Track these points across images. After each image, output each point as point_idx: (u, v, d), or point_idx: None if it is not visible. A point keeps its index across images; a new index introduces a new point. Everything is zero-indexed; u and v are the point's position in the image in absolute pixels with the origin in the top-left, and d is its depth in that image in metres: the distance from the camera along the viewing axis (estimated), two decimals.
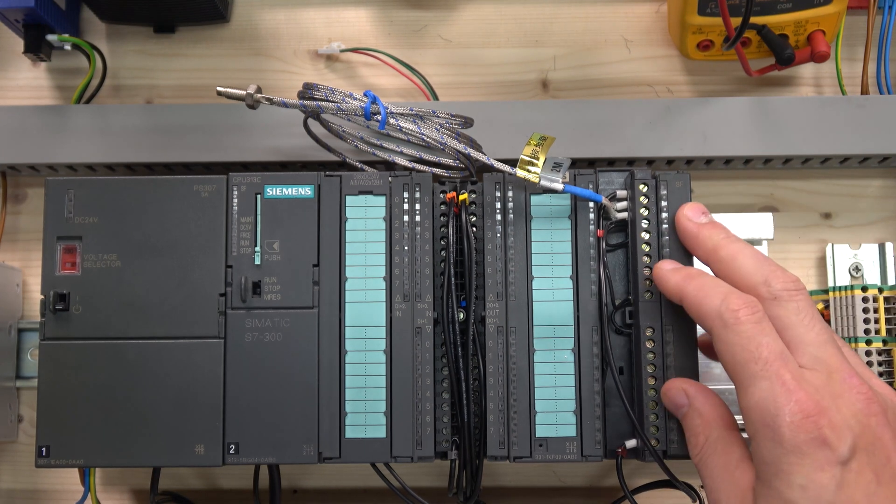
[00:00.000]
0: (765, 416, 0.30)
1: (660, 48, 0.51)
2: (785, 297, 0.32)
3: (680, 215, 0.37)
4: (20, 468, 0.49)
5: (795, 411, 0.29)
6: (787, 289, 0.32)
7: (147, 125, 0.47)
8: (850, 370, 0.31)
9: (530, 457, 0.38)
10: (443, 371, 0.39)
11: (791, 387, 0.30)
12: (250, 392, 0.38)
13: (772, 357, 0.31)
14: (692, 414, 0.34)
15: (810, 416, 0.29)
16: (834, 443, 0.29)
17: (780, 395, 0.30)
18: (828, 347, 0.31)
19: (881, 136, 0.46)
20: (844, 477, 0.29)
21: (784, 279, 0.33)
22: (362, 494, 0.49)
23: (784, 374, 0.30)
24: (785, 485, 0.29)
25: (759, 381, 0.30)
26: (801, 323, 0.32)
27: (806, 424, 0.29)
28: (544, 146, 0.37)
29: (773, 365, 0.30)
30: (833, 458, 0.29)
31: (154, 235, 0.39)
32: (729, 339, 0.32)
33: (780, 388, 0.30)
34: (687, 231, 0.37)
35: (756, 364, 0.31)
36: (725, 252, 0.35)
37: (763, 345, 0.31)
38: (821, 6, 0.45)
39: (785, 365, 0.30)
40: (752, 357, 0.31)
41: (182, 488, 0.49)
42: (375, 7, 0.52)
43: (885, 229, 0.50)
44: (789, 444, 0.29)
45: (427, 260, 0.39)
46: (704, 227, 0.36)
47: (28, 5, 0.45)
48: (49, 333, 0.39)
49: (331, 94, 0.39)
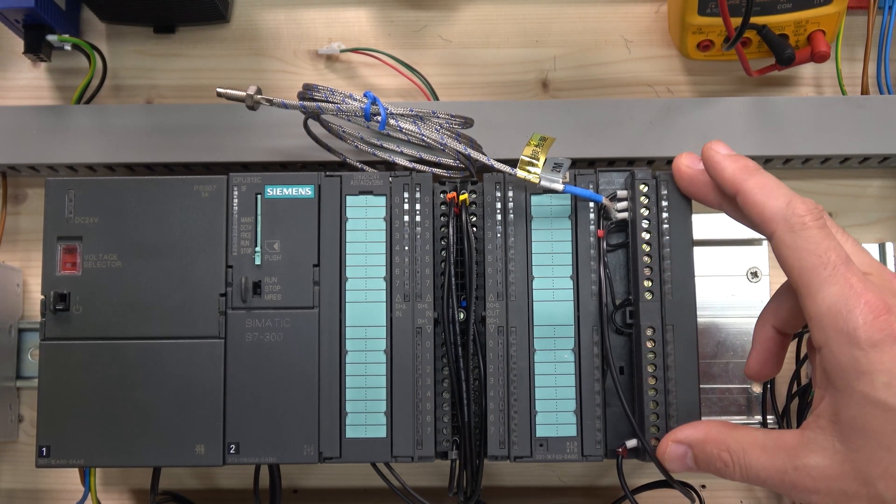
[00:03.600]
0: (837, 320, 0.30)
1: (660, 48, 0.51)
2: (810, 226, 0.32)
3: (707, 148, 0.36)
4: (20, 468, 0.49)
5: (867, 312, 0.29)
6: (813, 216, 0.32)
7: (147, 125, 0.47)
8: (891, 272, 0.32)
9: (530, 457, 0.38)
10: (443, 371, 0.39)
11: (859, 289, 0.30)
12: (251, 392, 0.38)
13: (839, 262, 0.31)
14: (698, 449, 0.34)
15: (881, 314, 0.29)
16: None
17: (851, 298, 0.30)
18: (864, 252, 0.33)
19: (881, 136, 0.46)
20: None
21: (806, 205, 0.32)
22: (362, 494, 0.49)
23: (851, 278, 0.30)
24: (869, 386, 0.29)
25: (828, 287, 0.30)
26: (837, 235, 0.32)
27: (879, 323, 0.29)
28: (544, 146, 0.37)
29: (841, 269, 0.31)
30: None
31: (154, 235, 0.39)
32: (796, 243, 0.32)
33: (849, 292, 0.30)
34: (712, 160, 0.35)
35: (825, 269, 0.31)
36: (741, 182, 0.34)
37: (830, 249, 0.31)
38: (821, 6, 0.45)
39: (851, 269, 0.31)
40: (821, 262, 0.31)
41: (182, 488, 0.49)
42: (375, 7, 0.52)
43: (885, 229, 0.50)
44: (866, 343, 0.29)
45: (427, 260, 0.39)
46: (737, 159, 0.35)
47: (28, 5, 0.45)
48: (49, 333, 0.39)
49: (331, 94, 0.39)
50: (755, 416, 0.45)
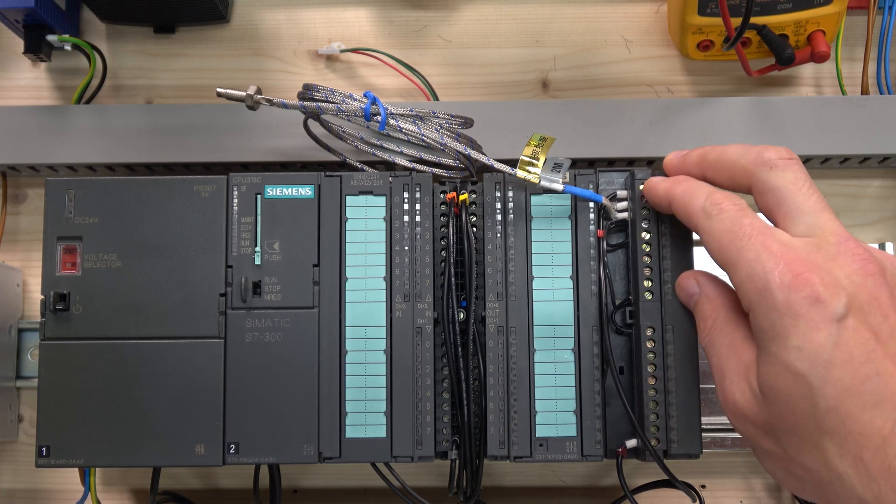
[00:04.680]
0: (755, 282, 0.29)
1: (660, 48, 0.51)
2: (781, 165, 0.32)
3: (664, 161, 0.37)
4: (20, 468, 0.49)
5: (785, 272, 0.29)
6: (781, 157, 0.32)
7: (147, 125, 0.47)
8: (846, 234, 0.30)
9: (530, 456, 0.38)
10: (443, 371, 0.39)
11: (778, 252, 0.29)
12: (250, 392, 0.38)
13: (755, 232, 0.30)
14: (702, 300, 0.34)
15: (800, 274, 0.29)
16: (827, 300, 0.28)
17: (768, 261, 0.29)
18: (824, 214, 0.31)
19: (881, 136, 0.46)
20: (841, 334, 0.28)
21: (777, 149, 0.32)
22: (362, 494, 0.49)
23: (770, 244, 0.30)
24: (782, 348, 0.29)
25: (744, 254, 0.30)
26: (799, 191, 0.31)
27: (797, 283, 0.29)
28: (544, 146, 0.37)
29: (758, 238, 0.30)
30: (827, 316, 0.28)
31: (154, 235, 0.39)
32: (712, 226, 0.32)
33: (766, 255, 0.30)
34: (672, 163, 0.36)
35: (741, 240, 0.31)
36: (714, 152, 0.34)
37: (745, 224, 0.31)
38: (821, 6, 0.45)
39: (771, 236, 0.30)
40: (736, 235, 0.31)
41: (182, 488, 0.49)
42: (375, 7, 0.52)
43: (885, 229, 0.50)
44: (782, 304, 0.29)
45: (427, 260, 0.39)
46: (689, 152, 0.36)
47: (28, 5, 0.45)
48: (49, 333, 0.39)
49: (331, 94, 0.39)
50: None
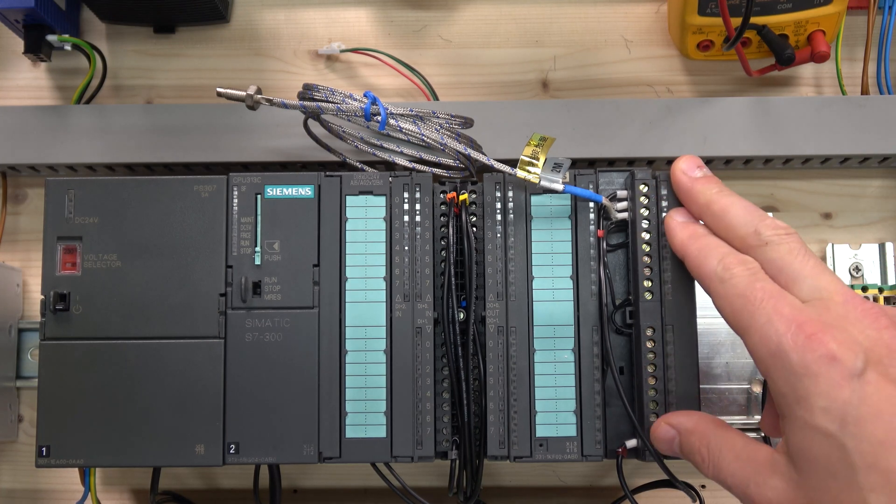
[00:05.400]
0: (769, 346, 0.29)
1: (660, 48, 0.51)
2: (776, 241, 0.32)
3: (675, 169, 0.37)
4: (20, 468, 0.49)
5: (797, 333, 0.29)
6: (777, 233, 0.32)
7: (147, 125, 0.47)
8: (852, 293, 0.31)
9: (530, 456, 0.38)
10: (443, 371, 0.39)
11: (790, 315, 0.29)
12: (250, 392, 0.38)
13: (766, 296, 0.30)
14: (684, 438, 0.34)
15: (814, 334, 0.28)
16: (844, 356, 0.28)
17: (780, 323, 0.29)
18: (825, 276, 0.31)
19: (881, 136, 0.46)
20: (865, 389, 0.28)
21: (774, 224, 0.33)
22: (362, 494, 0.49)
23: (782, 307, 0.30)
24: (807, 411, 0.28)
25: (756, 318, 0.30)
26: (796, 259, 0.32)
27: (811, 343, 0.28)
28: (544, 146, 0.37)
29: (769, 301, 0.30)
30: (847, 373, 0.28)
31: (154, 235, 0.39)
32: (725, 291, 0.32)
33: (777, 318, 0.29)
34: (681, 185, 0.37)
35: (752, 305, 0.30)
36: (718, 206, 0.35)
37: (758, 288, 0.31)
38: (821, 6, 0.45)
39: (782, 299, 0.30)
40: (748, 300, 0.31)
41: (182, 488, 0.49)
42: (375, 7, 0.52)
43: (885, 229, 0.50)
44: (799, 366, 0.28)
45: (427, 260, 0.39)
46: (698, 182, 0.36)
47: (28, 5, 0.45)
48: (49, 333, 0.39)
49: (331, 94, 0.39)
50: (755, 415, 0.45)
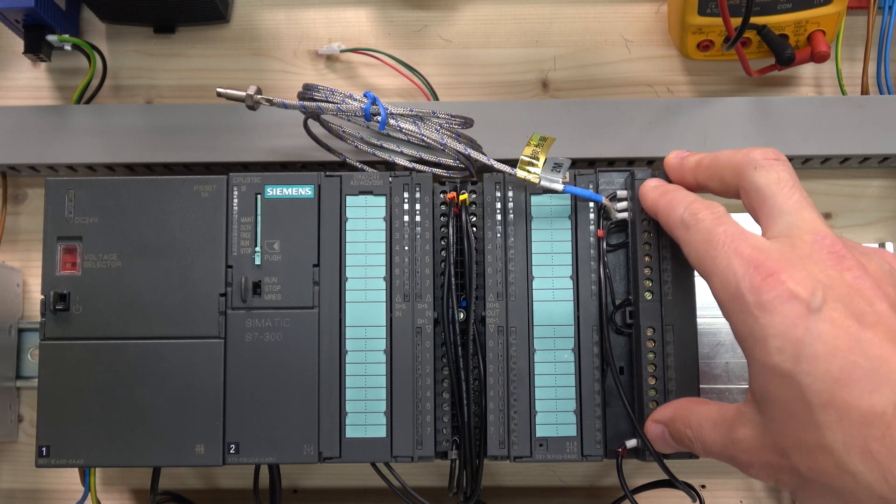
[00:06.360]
0: (728, 288, 0.29)
1: (660, 48, 0.51)
2: (766, 165, 0.32)
3: (666, 158, 0.37)
4: (20, 468, 0.49)
5: (754, 274, 0.28)
6: (766, 157, 0.32)
7: (147, 125, 0.47)
8: (825, 231, 0.30)
9: (530, 457, 0.38)
10: (443, 371, 0.39)
11: (749, 255, 0.29)
12: (250, 392, 0.38)
13: (728, 238, 0.30)
14: (671, 428, 0.34)
15: (770, 273, 0.28)
16: (801, 294, 0.27)
17: (739, 266, 0.29)
18: (804, 213, 0.30)
19: (881, 136, 0.46)
20: (819, 327, 0.27)
21: (764, 150, 0.33)
22: (362, 494, 0.49)
23: (742, 248, 0.29)
24: (764, 352, 0.28)
25: (718, 262, 0.30)
26: (781, 191, 0.31)
27: (767, 283, 0.28)
28: (544, 146, 0.37)
29: (730, 244, 0.30)
30: (803, 310, 0.27)
31: (154, 235, 0.39)
32: (690, 237, 0.32)
33: (737, 260, 0.29)
34: (671, 164, 0.37)
35: (714, 249, 0.30)
36: (708, 158, 0.35)
37: (720, 231, 0.31)
38: (821, 6, 0.45)
39: (743, 240, 0.30)
40: (710, 244, 0.31)
41: (182, 488, 0.49)
42: (375, 7, 0.52)
43: (885, 229, 0.50)
44: (755, 306, 0.28)
45: (427, 260, 0.39)
46: (689, 156, 0.36)
47: (28, 5, 0.45)
48: (49, 333, 0.39)
49: (331, 94, 0.39)
50: None
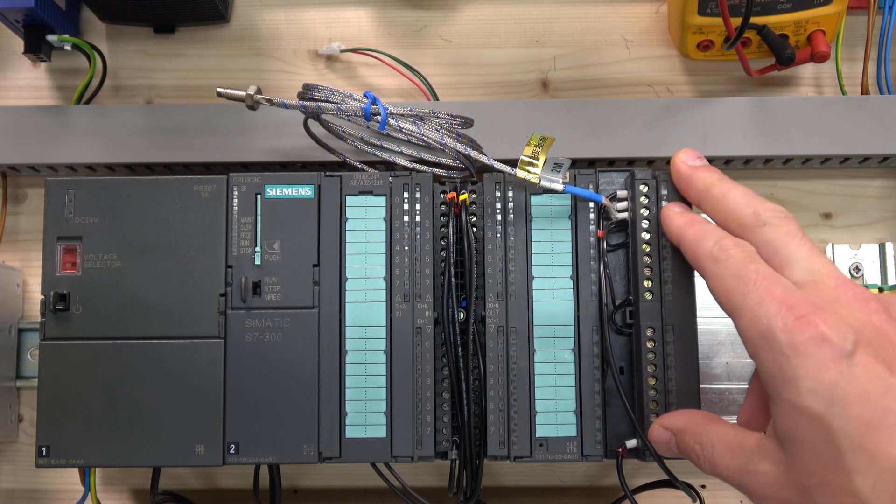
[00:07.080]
0: (759, 327, 0.29)
1: (660, 48, 0.51)
2: (774, 222, 0.32)
3: (675, 158, 0.37)
4: (20, 468, 0.49)
5: (787, 314, 0.29)
6: (775, 215, 0.32)
7: (147, 125, 0.47)
8: (844, 277, 0.30)
9: (530, 457, 0.38)
10: (443, 371, 0.39)
11: (781, 296, 0.29)
12: (250, 392, 0.38)
13: (760, 278, 0.30)
14: (678, 437, 0.34)
15: (804, 315, 0.28)
16: (833, 338, 0.28)
17: (771, 305, 0.29)
18: (819, 259, 0.31)
19: (881, 136, 0.46)
20: (852, 371, 0.27)
21: (773, 207, 0.33)
22: (362, 494, 0.49)
23: (774, 289, 0.30)
24: (794, 393, 0.28)
25: (748, 299, 0.30)
26: (791, 242, 0.32)
27: (800, 325, 0.28)
28: (544, 146, 0.37)
29: (762, 283, 0.30)
30: (835, 354, 0.27)
31: (154, 235, 0.39)
32: (719, 272, 0.32)
33: (769, 299, 0.29)
34: (681, 173, 0.37)
35: (745, 286, 0.30)
36: (717, 191, 0.35)
37: (752, 270, 0.31)
38: (821, 6, 0.45)
39: (775, 281, 0.30)
40: (741, 281, 0.31)
41: (182, 488, 0.49)
42: (375, 7, 0.52)
43: (885, 229, 0.50)
44: (787, 347, 0.28)
45: (427, 260, 0.39)
46: (698, 170, 0.36)
47: (28, 5, 0.45)
48: (49, 333, 0.39)
49: (331, 94, 0.39)
50: None
